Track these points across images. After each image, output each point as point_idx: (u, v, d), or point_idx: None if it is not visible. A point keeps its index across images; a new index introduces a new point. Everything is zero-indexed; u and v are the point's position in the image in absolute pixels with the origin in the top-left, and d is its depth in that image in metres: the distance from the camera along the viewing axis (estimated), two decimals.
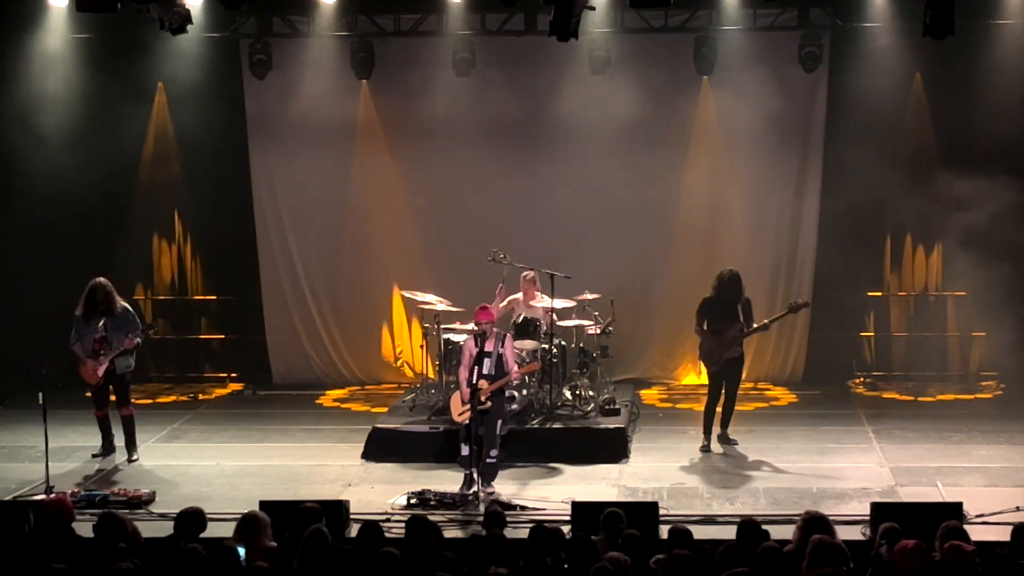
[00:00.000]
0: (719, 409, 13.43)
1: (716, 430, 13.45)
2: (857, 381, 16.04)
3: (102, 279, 13.12)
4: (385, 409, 14.78)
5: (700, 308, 13.32)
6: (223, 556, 8.28)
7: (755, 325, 13.22)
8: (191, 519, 9.02)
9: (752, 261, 15.72)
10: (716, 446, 13.36)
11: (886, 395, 15.68)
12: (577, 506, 10.34)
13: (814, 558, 7.91)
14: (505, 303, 14.15)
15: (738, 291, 13.19)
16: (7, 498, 11.64)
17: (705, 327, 13.23)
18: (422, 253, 16.28)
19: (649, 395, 15.77)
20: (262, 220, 16.59)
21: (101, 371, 12.99)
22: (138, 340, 13.04)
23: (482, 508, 10.93)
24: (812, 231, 16.03)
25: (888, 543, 8.46)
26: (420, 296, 14.38)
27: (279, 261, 16.66)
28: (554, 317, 13.76)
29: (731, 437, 13.45)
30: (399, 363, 16.20)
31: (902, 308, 16.38)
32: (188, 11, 13.31)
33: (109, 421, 13.35)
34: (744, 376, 14.04)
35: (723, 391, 13.35)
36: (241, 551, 8.57)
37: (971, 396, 15.57)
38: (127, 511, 11.05)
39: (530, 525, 9.24)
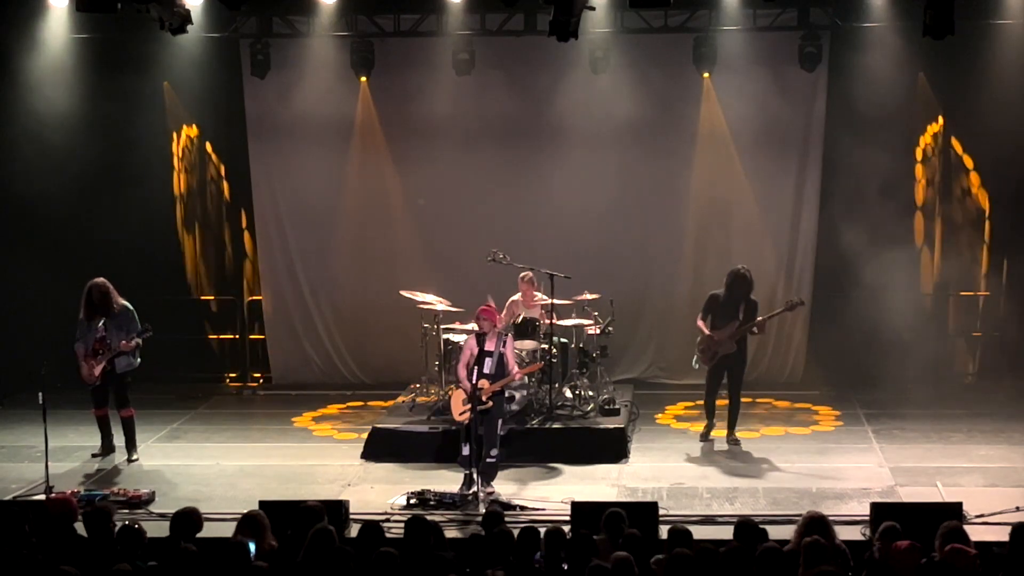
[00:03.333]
0: (720, 409, 13.54)
1: (720, 426, 13.57)
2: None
3: (99, 279, 13.12)
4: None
5: (706, 302, 13.45)
6: (233, 552, 8.29)
7: (750, 324, 13.25)
8: (186, 519, 9.01)
9: (751, 261, 15.57)
10: (719, 442, 13.46)
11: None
12: (577, 506, 10.35)
13: (809, 558, 7.92)
14: (505, 311, 14.15)
15: (746, 290, 13.24)
16: (7, 498, 11.64)
17: (709, 321, 13.34)
18: (422, 253, 16.27)
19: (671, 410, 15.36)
20: (262, 220, 16.60)
21: (98, 371, 12.99)
22: (137, 341, 13.02)
23: (482, 508, 10.94)
24: (812, 231, 16.03)
25: (882, 543, 8.45)
26: (420, 296, 14.38)
27: (279, 261, 16.67)
28: (554, 316, 13.75)
29: (736, 439, 13.49)
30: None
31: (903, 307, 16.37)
32: (188, 11, 13.32)
33: (109, 421, 13.35)
34: (744, 376, 14.03)
35: (726, 387, 13.48)
36: (252, 545, 8.60)
37: None
38: (127, 511, 11.09)
39: (529, 525, 9.24)
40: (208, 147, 16.68)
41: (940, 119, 15.77)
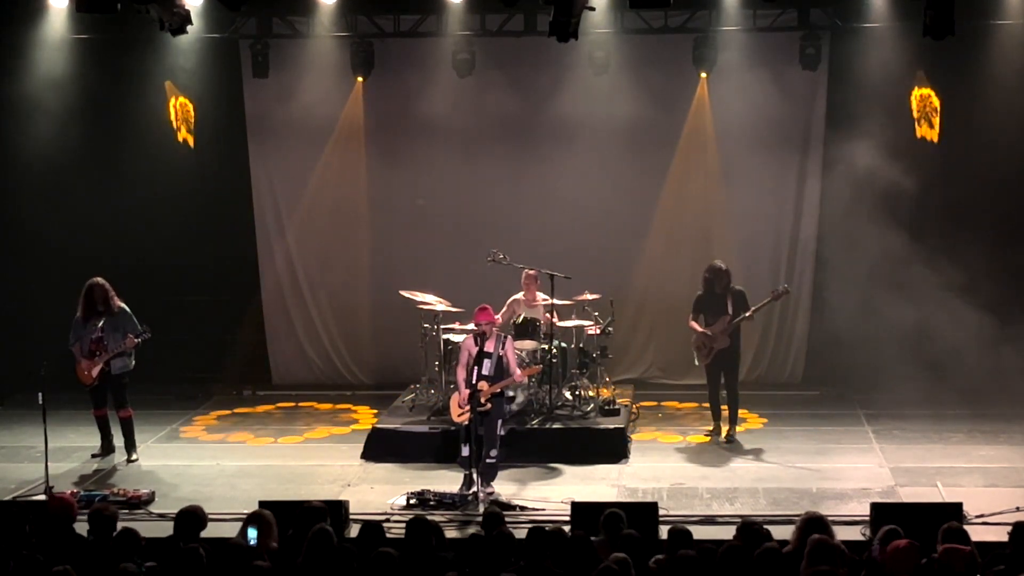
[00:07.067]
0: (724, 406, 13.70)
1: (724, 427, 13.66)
2: None
3: (99, 279, 13.14)
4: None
5: (694, 303, 13.66)
6: (234, 552, 8.30)
7: (742, 314, 13.38)
8: (190, 518, 9.01)
9: (752, 261, 15.74)
10: (719, 442, 13.54)
11: None
12: (577, 506, 10.35)
13: (812, 558, 7.91)
14: (505, 308, 14.14)
15: (727, 282, 13.44)
16: (7, 498, 11.64)
17: (701, 319, 13.52)
18: (422, 253, 16.25)
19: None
20: (262, 220, 16.60)
21: (95, 372, 12.99)
22: (137, 340, 13.03)
23: (481, 508, 10.94)
24: (812, 231, 16.03)
25: (881, 543, 8.44)
26: (420, 296, 14.38)
27: (279, 261, 16.67)
28: (555, 315, 13.75)
29: (735, 438, 13.53)
30: None
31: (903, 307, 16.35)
32: (188, 12, 13.30)
33: (108, 421, 13.36)
34: (744, 376, 14.07)
35: (723, 384, 13.58)
36: (253, 532, 8.60)
37: None
38: (126, 511, 11.09)
39: (530, 525, 9.24)
40: (210, 147, 16.64)
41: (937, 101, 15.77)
